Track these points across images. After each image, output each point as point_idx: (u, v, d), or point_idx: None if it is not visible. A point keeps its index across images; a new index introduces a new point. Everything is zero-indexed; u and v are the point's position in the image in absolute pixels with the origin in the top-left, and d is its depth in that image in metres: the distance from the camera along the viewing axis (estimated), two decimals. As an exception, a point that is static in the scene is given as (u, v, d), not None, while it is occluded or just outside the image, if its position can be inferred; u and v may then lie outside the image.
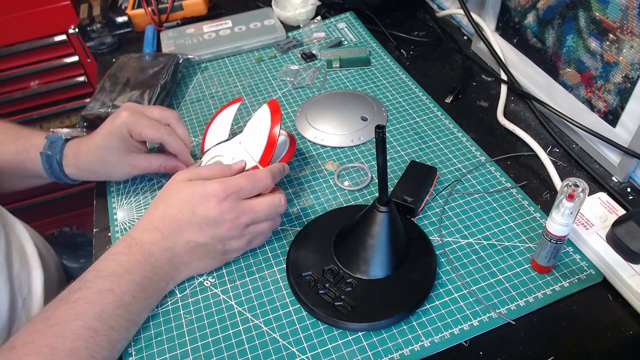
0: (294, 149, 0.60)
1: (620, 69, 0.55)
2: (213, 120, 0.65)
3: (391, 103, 0.72)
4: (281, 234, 0.56)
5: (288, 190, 0.61)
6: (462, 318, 0.47)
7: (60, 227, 1.39)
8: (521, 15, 0.69)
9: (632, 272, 0.47)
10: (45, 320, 0.43)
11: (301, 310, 0.49)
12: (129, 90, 0.73)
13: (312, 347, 0.46)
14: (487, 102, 0.72)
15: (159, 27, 0.91)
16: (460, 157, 0.63)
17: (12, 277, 0.54)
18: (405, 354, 0.45)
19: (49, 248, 0.68)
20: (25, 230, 0.61)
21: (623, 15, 0.53)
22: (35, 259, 0.59)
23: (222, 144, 0.61)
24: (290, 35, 0.87)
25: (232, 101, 0.66)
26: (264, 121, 0.57)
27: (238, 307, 0.50)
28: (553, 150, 0.64)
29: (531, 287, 0.49)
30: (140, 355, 0.47)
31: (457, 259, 0.52)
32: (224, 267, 0.54)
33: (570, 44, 0.61)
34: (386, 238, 0.49)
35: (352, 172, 0.63)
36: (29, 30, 1.10)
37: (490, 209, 0.56)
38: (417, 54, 0.83)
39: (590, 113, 0.61)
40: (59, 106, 1.24)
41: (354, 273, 0.50)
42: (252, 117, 0.59)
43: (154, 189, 0.63)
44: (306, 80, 0.78)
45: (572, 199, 0.42)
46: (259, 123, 0.57)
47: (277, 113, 0.56)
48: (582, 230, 0.50)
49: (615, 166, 0.59)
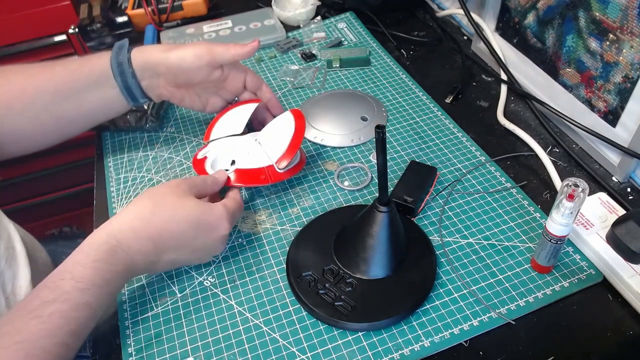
0: (302, 166, 0.60)
1: (620, 69, 0.55)
2: (225, 112, 0.65)
3: (391, 103, 0.72)
4: (281, 234, 0.56)
5: (288, 190, 0.61)
6: (462, 318, 0.47)
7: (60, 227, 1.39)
8: (521, 15, 0.69)
9: (632, 272, 0.47)
10: (11, 336, 0.39)
11: (301, 310, 0.49)
12: (129, 90, 0.72)
13: (312, 347, 0.46)
14: (487, 102, 0.72)
15: (159, 27, 0.91)
16: (460, 157, 0.63)
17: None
18: (405, 354, 0.45)
19: (41, 249, 0.67)
20: (15, 231, 0.60)
21: (623, 15, 0.53)
22: (23, 258, 0.58)
23: (235, 136, 0.61)
24: (290, 35, 0.87)
25: (249, 100, 0.66)
26: (287, 126, 0.58)
27: (238, 307, 0.50)
28: (553, 150, 0.64)
29: (531, 287, 0.49)
30: (140, 355, 0.47)
31: (457, 259, 0.52)
32: (224, 267, 0.54)
33: (570, 44, 0.61)
34: (386, 238, 0.49)
35: (352, 172, 0.63)
36: (29, 30, 1.10)
37: (490, 209, 0.56)
38: (417, 54, 0.83)
39: (590, 113, 0.61)
40: (59, 106, 1.24)
41: (354, 273, 0.50)
42: (273, 120, 0.61)
43: (154, 189, 0.63)
44: (306, 80, 0.78)
45: (572, 199, 0.42)
46: (281, 126, 0.59)
47: (303, 121, 0.58)
48: (582, 230, 0.50)
49: (615, 166, 0.59)
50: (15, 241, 0.59)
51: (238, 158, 0.58)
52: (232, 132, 0.62)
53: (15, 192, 1.35)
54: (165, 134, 0.71)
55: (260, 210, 0.59)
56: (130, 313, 0.51)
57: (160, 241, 0.47)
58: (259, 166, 0.56)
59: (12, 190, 1.34)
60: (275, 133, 0.59)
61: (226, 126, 0.63)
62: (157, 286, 0.53)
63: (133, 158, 0.68)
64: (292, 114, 0.59)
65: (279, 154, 0.56)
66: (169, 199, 0.48)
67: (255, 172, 0.56)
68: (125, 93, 0.59)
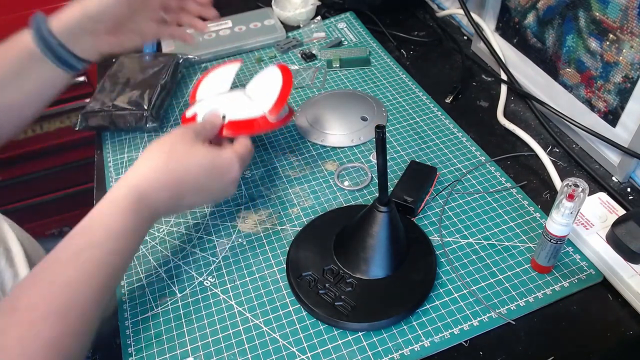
0: (291, 117, 0.63)
1: (620, 69, 0.55)
2: (207, 74, 0.67)
3: (391, 103, 0.72)
4: (281, 234, 0.56)
5: (288, 190, 0.61)
6: (462, 318, 0.47)
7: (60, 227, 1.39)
8: (521, 15, 0.69)
9: (632, 272, 0.47)
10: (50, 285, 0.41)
11: (301, 310, 0.49)
12: (129, 90, 0.72)
13: (312, 347, 0.46)
14: (487, 102, 0.72)
15: (159, 27, 0.91)
16: (460, 157, 0.63)
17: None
18: (405, 354, 0.45)
19: (39, 248, 0.68)
20: (10, 230, 0.60)
21: (623, 16, 0.53)
22: (22, 258, 0.58)
23: (222, 94, 0.63)
24: (290, 35, 0.87)
25: (230, 61, 0.68)
26: (275, 79, 0.61)
27: (238, 307, 0.50)
28: (553, 150, 0.64)
29: (531, 287, 0.49)
30: (140, 355, 0.47)
31: (457, 259, 0.52)
32: (224, 267, 0.54)
33: (570, 44, 0.61)
34: (386, 238, 0.49)
35: (352, 172, 0.63)
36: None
37: (490, 209, 0.56)
38: (417, 54, 0.83)
39: (590, 113, 0.61)
40: (59, 106, 1.24)
41: (354, 273, 0.50)
42: (257, 75, 0.63)
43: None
44: (306, 80, 0.78)
45: (572, 199, 0.42)
46: (268, 78, 0.62)
47: (289, 74, 0.61)
48: (582, 230, 0.50)
49: (615, 166, 0.59)
50: (10, 240, 0.58)
51: (229, 112, 0.59)
52: (218, 90, 0.64)
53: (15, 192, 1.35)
54: (165, 134, 0.71)
55: (260, 210, 0.59)
56: (130, 313, 0.51)
57: (178, 189, 0.49)
58: (251, 117, 0.58)
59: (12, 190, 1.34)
60: (264, 86, 0.61)
61: (211, 87, 0.65)
62: (157, 286, 0.53)
63: (133, 158, 0.68)
64: (279, 68, 0.62)
65: (270, 104, 0.58)
66: (180, 148, 0.50)
67: (249, 123, 0.58)
68: (62, 65, 0.58)
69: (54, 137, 1.29)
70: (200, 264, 0.54)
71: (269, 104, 0.58)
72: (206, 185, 0.51)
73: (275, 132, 0.69)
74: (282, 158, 0.65)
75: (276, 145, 0.67)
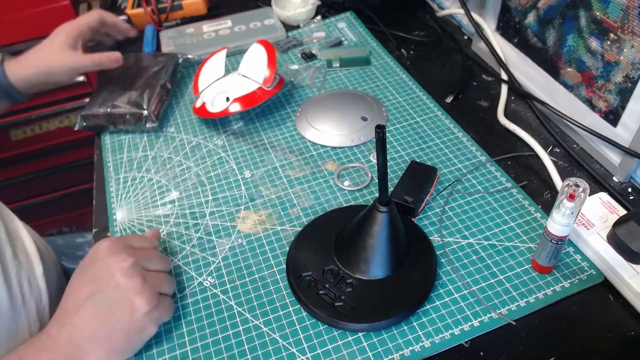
0: (283, 84, 0.71)
1: (621, 68, 0.55)
2: (201, 68, 0.74)
3: (391, 103, 0.72)
4: (281, 234, 0.56)
5: (288, 190, 0.61)
6: (462, 318, 0.47)
7: (60, 227, 1.40)
8: (522, 14, 0.69)
9: (633, 273, 0.47)
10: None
11: (301, 311, 0.49)
12: (128, 90, 0.72)
13: (312, 347, 0.46)
14: (488, 102, 0.72)
15: (159, 26, 0.91)
16: (461, 157, 0.63)
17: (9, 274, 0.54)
18: (405, 355, 0.45)
19: (48, 247, 0.68)
20: (24, 229, 0.61)
21: (624, 15, 0.52)
22: (35, 256, 0.59)
23: (219, 80, 0.71)
24: (290, 35, 0.87)
25: (217, 50, 0.75)
26: (259, 51, 0.70)
27: (238, 307, 0.50)
28: (554, 150, 0.64)
29: (532, 287, 0.49)
30: (140, 355, 0.47)
31: (458, 259, 0.52)
32: (224, 267, 0.54)
33: (571, 44, 0.61)
34: (386, 238, 0.49)
35: (352, 172, 0.63)
36: (29, 30, 1.10)
37: (491, 209, 0.56)
38: (418, 54, 0.82)
39: (591, 113, 0.61)
40: (59, 106, 1.24)
41: (354, 273, 0.50)
42: (244, 55, 0.71)
43: (154, 189, 0.63)
44: (306, 80, 0.78)
45: (572, 199, 0.42)
46: (254, 55, 0.70)
47: (270, 45, 0.70)
48: (582, 231, 0.50)
49: (616, 166, 0.59)
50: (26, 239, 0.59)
51: (231, 93, 0.68)
52: (215, 77, 0.71)
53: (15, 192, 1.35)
54: (164, 134, 0.71)
55: (260, 210, 0.59)
56: (130, 313, 0.50)
57: (66, 303, 0.45)
58: (251, 91, 0.67)
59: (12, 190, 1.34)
60: (253, 63, 0.70)
61: (209, 75, 0.72)
62: (157, 286, 0.52)
63: (133, 158, 0.68)
64: (260, 43, 0.71)
65: (263, 75, 0.68)
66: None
67: (250, 96, 0.67)
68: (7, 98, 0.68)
69: (54, 137, 1.29)
70: (200, 264, 0.54)
71: (262, 76, 0.68)
72: (82, 273, 0.46)
73: (276, 132, 0.69)
74: (282, 158, 0.65)
75: (276, 145, 0.67)
